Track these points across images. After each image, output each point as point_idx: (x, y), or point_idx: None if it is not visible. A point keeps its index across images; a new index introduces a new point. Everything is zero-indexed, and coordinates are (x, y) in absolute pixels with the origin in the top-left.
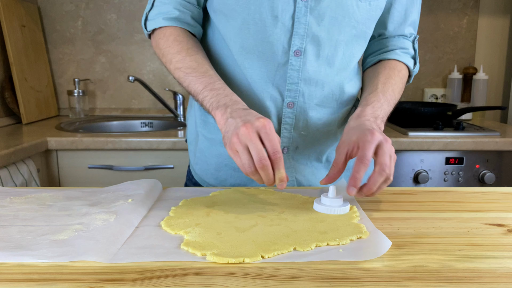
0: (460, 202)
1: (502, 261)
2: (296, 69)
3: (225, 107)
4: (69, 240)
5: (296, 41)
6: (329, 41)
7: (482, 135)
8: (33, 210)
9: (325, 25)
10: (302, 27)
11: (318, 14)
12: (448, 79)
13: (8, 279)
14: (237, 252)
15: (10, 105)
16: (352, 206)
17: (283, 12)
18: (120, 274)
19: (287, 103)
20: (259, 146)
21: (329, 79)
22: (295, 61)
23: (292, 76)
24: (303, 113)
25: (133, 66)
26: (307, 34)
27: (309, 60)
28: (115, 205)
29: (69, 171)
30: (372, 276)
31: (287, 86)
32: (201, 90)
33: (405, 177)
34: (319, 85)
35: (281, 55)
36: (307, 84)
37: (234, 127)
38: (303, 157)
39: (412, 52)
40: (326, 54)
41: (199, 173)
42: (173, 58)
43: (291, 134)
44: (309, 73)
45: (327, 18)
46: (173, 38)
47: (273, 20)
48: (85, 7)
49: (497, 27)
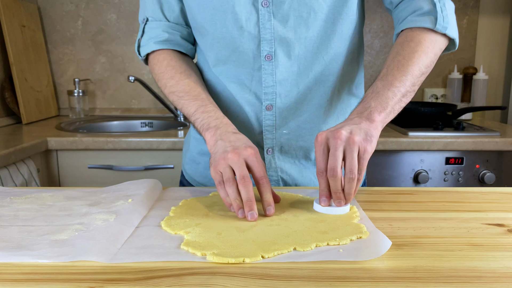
0: (460, 202)
1: (502, 261)
2: (269, 73)
3: (215, 128)
4: (69, 240)
5: (265, 46)
6: (298, 40)
7: (482, 135)
8: (33, 210)
9: (291, 26)
10: (268, 32)
11: (282, 16)
12: (448, 79)
13: (8, 279)
14: (237, 252)
15: (10, 105)
16: (352, 206)
17: (248, 21)
18: (120, 274)
19: (265, 106)
20: (244, 168)
21: (305, 77)
22: (267, 65)
23: (267, 80)
24: (283, 114)
25: (133, 66)
26: (275, 38)
27: (281, 63)
28: (115, 205)
29: (69, 171)
30: (372, 276)
31: (263, 90)
32: (193, 112)
33: (405, 177)
34: (294, 85)
35: (253, 61)
36: (283, 85)
37: (222, 150)
38: (289, 156)
39: (428, 7)
40: (297, 53)
41: (189, 172)
42: (168, 83)
43: (274, 135)
44: (283, 74)
45: (292, 18)
46: (166, 63)
47: (240, 31)
48: (85, 7)
49: (497, 27)
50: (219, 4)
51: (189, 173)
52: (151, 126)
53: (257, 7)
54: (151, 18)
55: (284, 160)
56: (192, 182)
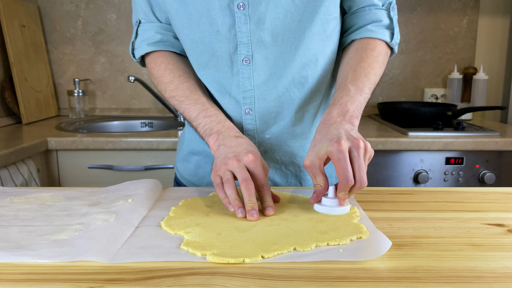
0: (460, 202)
1: (502, 261)
2: (247, 77)
3: (218, 134)
4: (69, 240)
5: (242, 50)
6: (275, 42)
7: (482, 135)
8: (33, 210)
9: (267, 28)
10: (245, 35)
11: (258, 19)
12: (448, 79)
13: (8, 279)
14: (237, 252)
15: (10, 105)
16: (352, 207)
17: (223, 25)
18: (120, 274)
19: (245, 111)
20: (245, 172)
21: (283, 80)
22: (245, 69)
23: (245, 84)
24: (263, 118)
25: (133, 66)
26: (251, 41)
27: (258, 66)
28: (115, 205)
29: (69, 171)
30: (372, 276)
31: (241, 94)
32: (195, 117)
33: (405, 177)
34: (273, 87)
35: (231, 66)
36: (261, 89)
37: (224, 156)
38: (274, 162)
39: (387, 22)
40: (274, 55)
41: (180, 170)
42: (167, 88)
43: (256, 140)
44: (261, 77)
45: (268, 20)
46: (164, 67)
47: (216, 35)
48: (85, 7)
49: (497, 27)
50: (194, 9)
51: (180, 171)
52: (151, 126)
53: (233, 10)
54: (143, 20)
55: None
56: (183, 180)
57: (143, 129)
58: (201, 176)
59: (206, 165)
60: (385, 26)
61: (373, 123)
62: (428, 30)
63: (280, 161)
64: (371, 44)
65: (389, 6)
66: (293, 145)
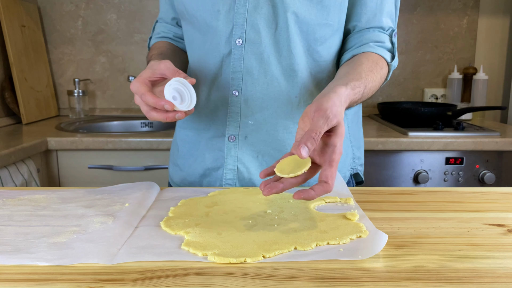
0: (460, 202)
1: (502, 261)
2: (238, 58)
3: None
4: (68, 243)
5: (237, 31)
6: (269, 28)
7: (482, 135)
8: (28, 211)
9: (263, 13)
10: (241, 17)
11: (257, 2)
12: (448, 79)
13: (8, 280)
14: (238, 252)
15: (10, 105)
16: (353, 212)
17: (224, 5)
18: (120, 274)
19: (232, 91)
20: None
21: (273, 67)
22: (237, 50)
23: (235, 65)
24: (248, 102)
25: (133, 66)
26: (247, 23)
27: (250, 49)
28: (112, 208)
29: (69, 171)
30: (372, 276)
31: (231, 75)
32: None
33: (405, 177)
34: (262, 73)
35: (225, 46)
36: (250, 72)
37: None
38: (253, 149)
39: (389, 45)
40: (267, 41)
41: (170, 171)
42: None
43: (238, 123)
44: (251, 61)
45: (265, 7)
46: (154, 46)
47: (216, 14)
48: (85, 7)
49: (497, 27)
50: None
51: (170, 174)
52: (151, 126)
53: None
54: (160, 20)
55: (246, 152)
56: (172, 182)
57: (143, 129)
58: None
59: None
60: (387, 48)
61: (373, 123)
62: (428, 30)
63: (258, 150)
64: (380, 62)
65: (392, 32)
66: (274, 137)
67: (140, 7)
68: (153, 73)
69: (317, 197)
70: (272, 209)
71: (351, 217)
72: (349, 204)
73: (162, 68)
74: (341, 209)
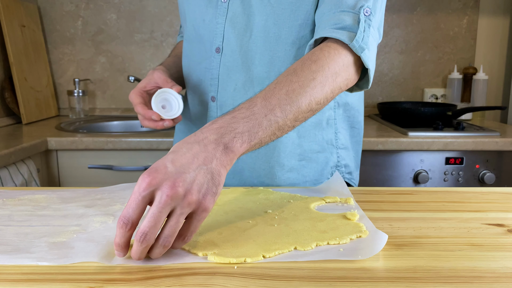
0: (460, 202)
1: (502, 261)
2: (215, 66)
3: None
4: (69, 242)
5: (216, 39)
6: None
7: (482, 135)
8: (28, 211)
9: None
10: (220, 26)
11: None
12: (448, 79)
13: (8, 279)
14: (238, 252)
15: (10, 105)
16: (353, 212)
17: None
18: (120, 274)
19: (210, 97)
20: None
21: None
22: (215, 57)
23: (213, 72)
24: (223, 108)
25: (133, 66)
26: (225, 31)
27: (225, 57)
28: (112, 208)
29: (69, 171)
30: (372, 276)
31: (209, 81)
32: None
33: (405, 177)
34: (233, 81)
35: (208, 53)
36: (224, 79)
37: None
38: None
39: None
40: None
41: None
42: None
43: None
44: (225, 68)
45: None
46: (176, 46)
47: (203, 23)
48: (85, 7)
49: (497, 27)
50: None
51: None
52: None
53: (218, 2)
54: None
55: None
56: None
57: (143, 129)
58: None
59: None
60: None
61: (373, 123)
62: (428, 30)
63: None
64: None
65: (359, 8)
66: None
67: (140, 7)
68: (148, 83)
69: None
70: (272, 209)
71: (351, 217)
72: (349, 204)
73: (155, 77)
74: (341, 209)
